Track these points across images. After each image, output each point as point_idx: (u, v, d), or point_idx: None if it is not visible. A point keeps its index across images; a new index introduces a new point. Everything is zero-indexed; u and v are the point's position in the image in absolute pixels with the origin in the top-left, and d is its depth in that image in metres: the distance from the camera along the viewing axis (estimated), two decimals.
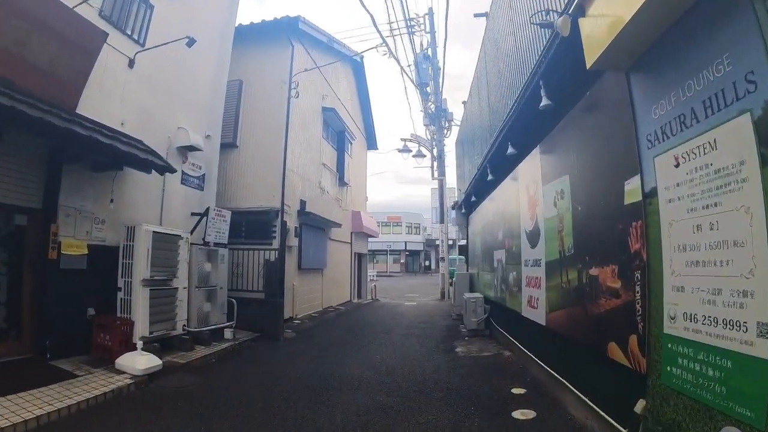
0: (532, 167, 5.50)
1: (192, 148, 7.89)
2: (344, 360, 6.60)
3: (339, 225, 12.77)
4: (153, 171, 6.38)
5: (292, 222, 9.97)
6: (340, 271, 13.99)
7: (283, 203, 9.41)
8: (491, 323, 8.60)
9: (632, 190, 2.99)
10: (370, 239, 18.84)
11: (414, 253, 48.07)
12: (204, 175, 8.50)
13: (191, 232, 7.44)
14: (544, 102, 4.31)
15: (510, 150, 6.03)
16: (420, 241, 47.61)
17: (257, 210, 9.33)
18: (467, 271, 12.99)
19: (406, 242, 46.12)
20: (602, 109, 3.63)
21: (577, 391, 4.02)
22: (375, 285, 17.60)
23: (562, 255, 4.37)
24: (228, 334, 7.64)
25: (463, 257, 31.23)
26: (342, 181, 13.77)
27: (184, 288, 6.76)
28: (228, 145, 9.88)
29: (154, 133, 6.97)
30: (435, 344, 7.91)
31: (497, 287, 7.96)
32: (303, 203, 10.56)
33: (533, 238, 5.42)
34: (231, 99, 10.11)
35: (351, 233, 15.35)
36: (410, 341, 8.20)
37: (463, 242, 27.37)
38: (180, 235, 6.71)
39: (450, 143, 27.23)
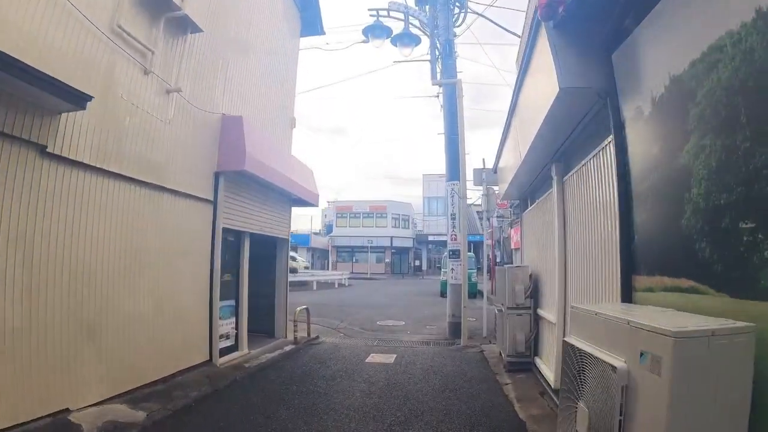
0: None
1: None
2: None
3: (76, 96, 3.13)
4: None
5: None
6: (129, 282, 4.33)
7: None
8: None
9: None
10: (342, 231, 8.94)
11: (401, 251, 38.40)
12: None
13: None
14: None
15: None
16: (409, 237, 38.02)
17: None
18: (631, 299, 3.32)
19: (392, 237, 36.52)
20: None
21: None
22: (307, 309, 7.89)
23: None
24: None
25: (472, 255, 21.11)
26: None
27: None
28: None
29: None
30: None
31: None
32: None
33: None
34: None
35: (215, 175, 5.71)
36: None
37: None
38: None
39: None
